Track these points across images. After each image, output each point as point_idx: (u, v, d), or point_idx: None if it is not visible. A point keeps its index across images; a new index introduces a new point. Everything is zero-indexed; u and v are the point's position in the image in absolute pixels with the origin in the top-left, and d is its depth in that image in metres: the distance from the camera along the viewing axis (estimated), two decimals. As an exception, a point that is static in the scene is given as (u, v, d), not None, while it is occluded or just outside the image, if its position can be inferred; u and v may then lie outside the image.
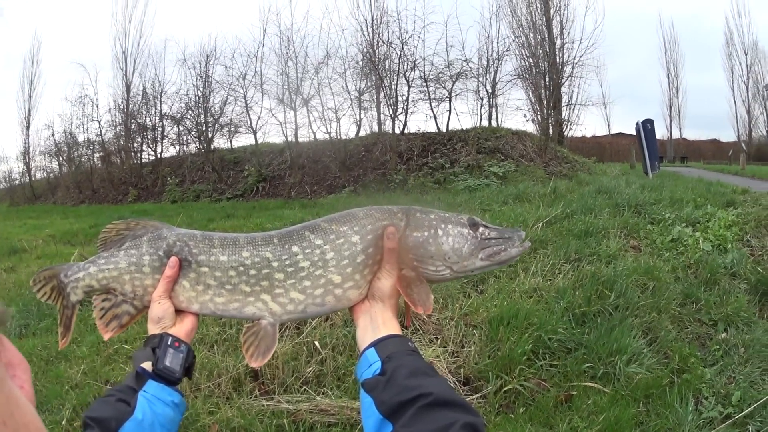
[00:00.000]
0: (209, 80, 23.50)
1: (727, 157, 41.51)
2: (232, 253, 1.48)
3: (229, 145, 24.15)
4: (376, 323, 1.46)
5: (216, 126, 23.40)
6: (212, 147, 23.37)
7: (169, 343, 1.43)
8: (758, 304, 6.28)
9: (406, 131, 20.62)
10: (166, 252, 1.50)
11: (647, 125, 17.40)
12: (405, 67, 20.47)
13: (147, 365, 1.42)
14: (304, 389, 4.37)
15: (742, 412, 4.50)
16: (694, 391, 4.75)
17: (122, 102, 27.57)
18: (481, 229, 1.53)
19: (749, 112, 49.42)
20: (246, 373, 4.46)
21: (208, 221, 13.20)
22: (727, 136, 53.88)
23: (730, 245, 7.40)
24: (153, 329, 1.47)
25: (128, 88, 27.50)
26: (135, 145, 27.10)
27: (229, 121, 23.52)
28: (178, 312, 1.52)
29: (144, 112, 27.00)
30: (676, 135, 54.86)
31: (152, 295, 1.49)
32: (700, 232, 7.75)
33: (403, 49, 20.54)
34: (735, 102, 49.97)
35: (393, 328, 1.46)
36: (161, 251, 1.50)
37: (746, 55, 49.04)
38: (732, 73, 49.93)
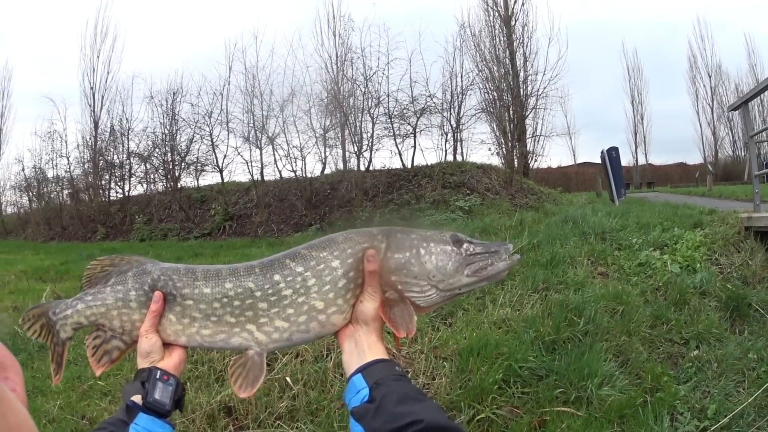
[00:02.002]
0: (176, 118, 25.34)
1: (694, 180, 44.00)
2: (216, 285, 1.66)
3: (196, 184, 25.80)
4: (361, 347, 1.61)
5: (183, 164, 25.05)
6: (179, 185, 24.98)
7: (158, 376, 1.60)
8: (729, 320, 7.17)
9: (371, 168, 22.23)
10: (151, 287, 1.70)
11: (612, 153, 18.69)
12: (369, 103, 22.29)
13: (137, 398, 1.58)
14: (278, 424, 4.95)
15: (719, 423, 5.23)
16: (669, 408, 5.48)
17: (90, 138, 29.55)
18: (465, 245, 1.69)
19: (715, 134, 54.00)
20: (220, 409, 5.01)
21: (177, 260, 13.54)
22: (694, 158, 57.24)
23: (698, 265, 8.27)
24: (142, 363, 1.66)
25: (96, 124, 29.50)
26: (103, 182, 28.83)
27: (195, 160, 25.23)
28: (167, 345, 1.71)
29: (112, 149, 28.90)
30: (642, 161, 58.71)
31: (140, 330, 1.68)
32: (668, 255, 8.63)
33: (367, 85, 22.33)
34: (700, 124, 54.94)
35: (379, 352, 1.62)
36: (146, 286, 1.70)
37: (710, 77, 53.90)
38: (696, 96, 54.91)
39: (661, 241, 9.19)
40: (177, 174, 25.12)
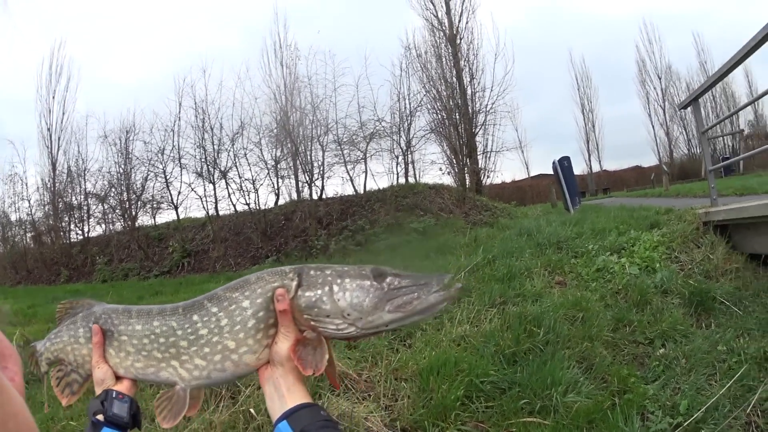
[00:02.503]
0: (129, 156, 25.67)
1: (650, 182, 45.13)
2: (146, 323, 1.83)
3: (153, 222, 26.05)
4: (280, 391, 1.66)
5: (139, 203, 25.41)
6: (137, 224, 25.36)
7: (114, 396, 1.78)
8: (694, 316, 7.36)
9: (324, 196, 22.53)
10: (94, 324, 1.92)
11: (564, 163, 19.16)
12: (318, 131, 22.66)
13: (100, 416, 1.75)
14: (243, 456, 4.96)
15: (692, 417, 5.33)
16: (639, 409, 5.59)
17: (49, 180, 29.70)
18: (388, 279, 1.67)
19: (668, 134, 55.85)
20: None
21: (138, 299, 14.29)
22: (649, 161, 58.85)
23: (657, 265, 8.48)
24: (98, 390, 1.84)
25: (54, 166, 29.69)
26: (63, 224, 29.04)
27: (151, 198, 25.49)
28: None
29: (69, 191, 29.08)
30: (596, 168, 59.97)
31: (91, 362, 1.89)
32: (626, 258, 8.83)
33: (315, 113, 22.72)
34: (653, 127, 56.58)
35: (299, 394, 1.66)
36: (91, 323, 1.92)
37: (660, 79, 55.85)
38: (647, 98, 56.78)
39: (618, 244, 9.38)
40: (134, 213, 25.51)
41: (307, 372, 1.62)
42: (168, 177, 24.67)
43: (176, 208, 24.78)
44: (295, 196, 23.39)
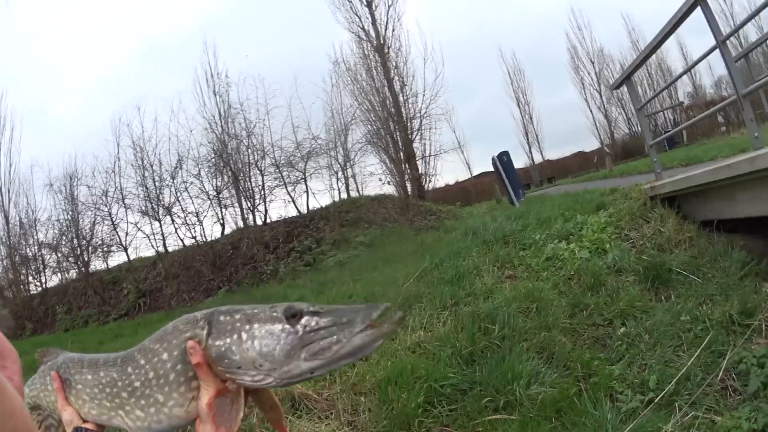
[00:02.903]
0: (76, 202, 25.97)
1: (594, 165, 45.99)
2: (94, 373, 1.81)
3: (106, 266, 26.23)
4: None
5: (90, 248, 25.66)
6: (90, 270, 25.58)
7: (83, 430, 1.80)
8: (651, 291, 7.44)
9: (268, 221, 23.11)
10: (53, 372, 1.94)
11: (503, 158, 19.44)
12: (255, 156, 23.40)
13: None
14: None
15: (664, 391, 5.38)
16: (607, 391, 5.65)
17: (3, 234, 29.40)
18: (304, 320, 1.49)
19: (607, 117, 57.15)
20: None
21: (99, 344, 14.36)
22: (591, 145, 59.93)
23: (608, 245, 8.59)
24: (69, 430, 1.84)
25: (7, 219, 29.46)
26: (21, 277, 28.83)
27: (101, 242, 25.80)
28: None
29: (24, 243, 29.05)
30: (538, 159, 60.62)
31: (59, 407, 1.88)
32: (575, 243, 8.93)
33: (250, 139, 23.45)
34: (591, 111, 57.92)
35: None
36: (53, 371, 1.92)
37: (593, 63, 56.98)
38: (582, 84, 58.04)
39: (565, 231, 9.48)
40: (86, 259, 25.75)
41: (219, 431, 1.48)
42: (114, 219, 25.12)
43: (126, 249, 25.19)
44: (240, 223, 23.82)
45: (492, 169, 21.29)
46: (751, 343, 5.89)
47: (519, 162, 54.93)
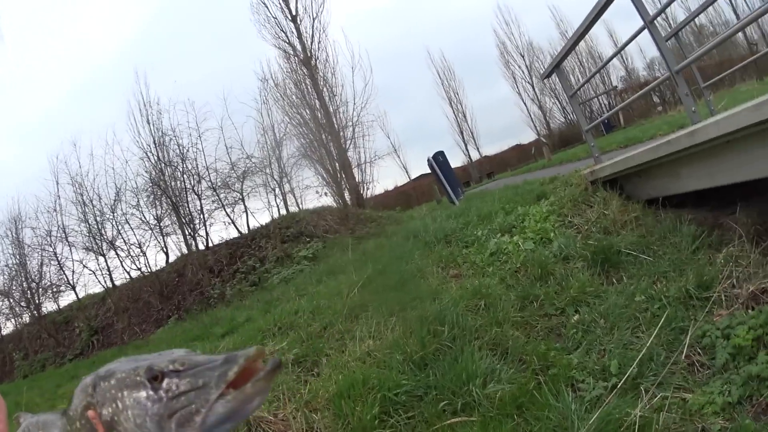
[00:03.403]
0: (22, 245, 26.11)
1: (532, 156, 46.73)
2: None
3: (57, 306, 26.15)
4: None
5: (40, 290, 25.70)
6: (42, 312, 25.64)
7: None
8: (602, 275, 7.45)
9: (210, 244, 23.26)
10: None
11: (439, 158, 19.68)
12: (192, 181, 23.51)
13: None
14: None
15: (626, 375, 5.35)
16: (567, 381, 5.61)
17: None
18: (165, 383, 1.39)
19: (542, 108, 58.51)
20: None
21: (57, 387, 14.26)
22: (528, 137, 60.88)
23: (552, 234, 8.64)
24: None
25: None
26: None
27: (50, 283, 25.77)
28: None
29: None
30: (476, 156, 61.22)
31: None
32: (518, 235, 8.96)
33: (184, 164, 23.57)
34: (525, 104, 59.33)
35: None
36: None
37: (523, 57, 58.28)
38: (514, 78, 59.56)
39: (507, 224, 9.52)
40: (38, 301, 25.84)
41: None
42: (60, 258, 25.23)
43: (74, 288, 25.25)
44: (184, 249, 23.99)
45: (429, 170, 21.44)
46: (712, 316, 5.90)
47: (456, 161, 55.89)
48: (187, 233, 23.77)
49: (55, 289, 25.97)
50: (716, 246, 7.17)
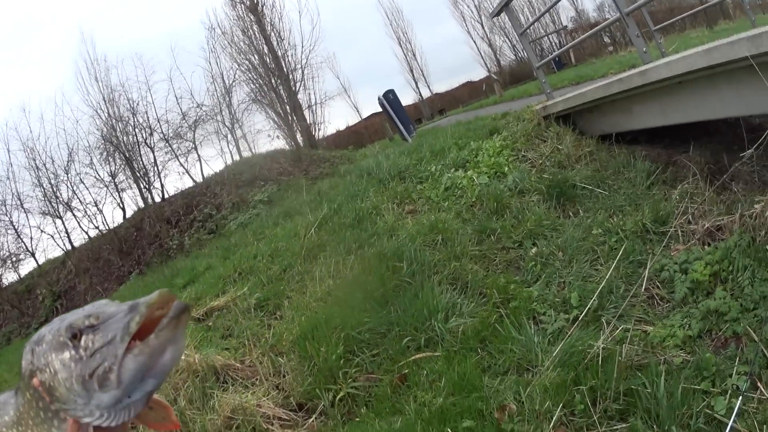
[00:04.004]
0: None
1: (483, 93, 46.69)
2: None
3: (18, 276, 25.75)
4: None
5: None
6: (2, 285, 25.12)
7: None
8: (558, 208, 7.50)
9: (166, 196, 23.28)
10: None
11: (389, 96, 19.67)
12: (144, 135, 23.61)
13: None
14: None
15: (587, 307, 5.36)
16: (528, 313, 5.61)
17: None
18: (83, 341, 1.29)
19: (491, 45, 57.83)
20: None
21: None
22: (479, 74, 60.58)
23: (506, 168, 8.62)
24: None
25: None
26: None
27: (8, 253, 25.28)
28: None
29: None
30: (427, 94, 60.93)
31: None
32: (472, 170, 8.92)
33: (135, 118, 23.61)
34: (475, 42, 58.43)
35: None
36: None
37: None
38: (463, 18, 59.23)
39: (461, 159, 9.47)
40: None
41: None
42: (16, 226, 24.83)
43: (33, 254, 24.96)
44: (141, 203, 23.89)
45: (381, 109, 21.36)
46: (669, 250, 5.95)
47: (408, 99, 55.39)
48: (142, 187, 23.66)
49: (14, 259, 25.60)
50: (671, 182, 7.25)
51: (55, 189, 23.82)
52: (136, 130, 23.61)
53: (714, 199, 6.40)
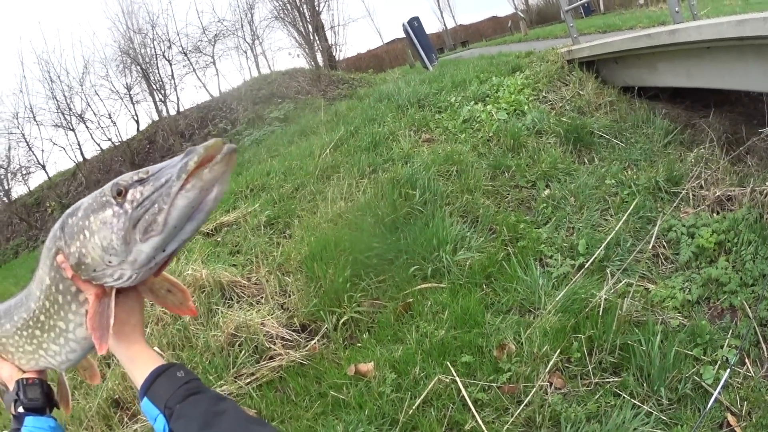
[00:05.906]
0: None
1: (509, 29, 45.83)
2: (10, 321, 1.71)
3: (27, 189, 25.71)
4: (125, 364, 1.51)
5: (9, 175, 25.02)
6: (12, 198, 25.14)
7: (24, 383, 1.71)
8: (574, 153, 7.39)
9: (181, 109, 22.98)
10: None
11: (414, 23, 19.28)
12: (162, 48, 23.13)
13: (21, 408, 1.68)
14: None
15: (593, 256, 5.31)
16: (536, 254, 5.58)
17: None
18: (129, 195, 1.32)
19: None
20: (109, 405, 4.97)
21: (32, 272, 14.17)
22: (505, 10, 59.31)
23: (526, 107, 8.45)
24: (11, 386, 1.75)
25: None
26: None
27: (19, 166, 25.16)
28: None
29: None
30: (451, 24, 59.81)
31: None
32: (492, 104, 8.75)
33: (154, 30, 23.06)
34: None
35: (143, 360, 1.47)
36: None
37: None
38: None
39: (481, 93, 9.28)
40: (8, 187, 25.07)
41: (99, 348, 1.38)
42: (28, 139, 24.35)
43: (44, 167, 24.53)
44: (155, 116, 23.51)
45: (404, 35, 21.03)
46: (679, 212, 5.90)
47: (432, 28, 54.59)
48: (157, 99, 23.31)
49: (24, 172, 25.36)
50: (687, 144, 7.16)
51: (69, 101, 23.30)
52: (155, 42, 23.23)
53: (728, 168, 6.33)
